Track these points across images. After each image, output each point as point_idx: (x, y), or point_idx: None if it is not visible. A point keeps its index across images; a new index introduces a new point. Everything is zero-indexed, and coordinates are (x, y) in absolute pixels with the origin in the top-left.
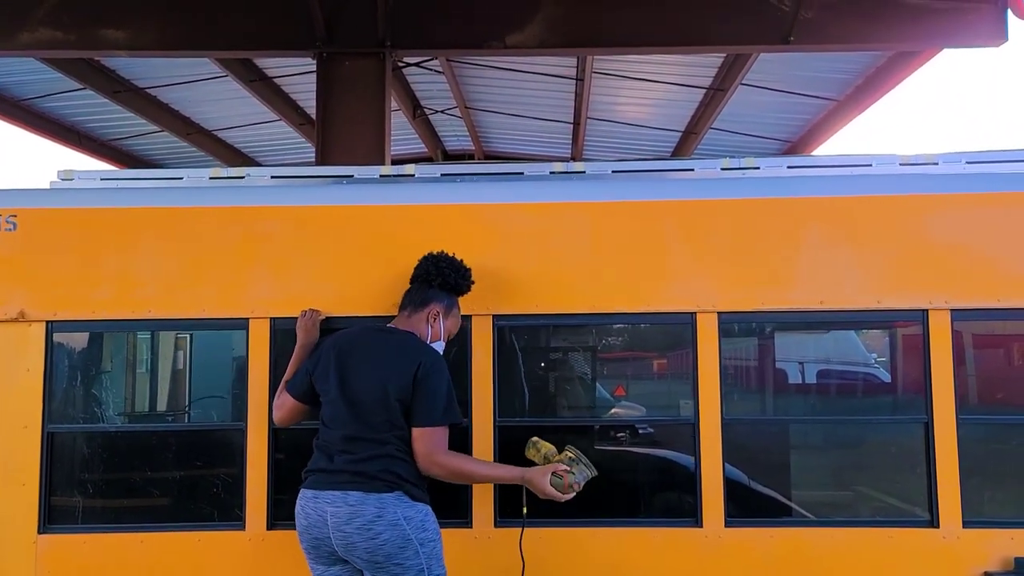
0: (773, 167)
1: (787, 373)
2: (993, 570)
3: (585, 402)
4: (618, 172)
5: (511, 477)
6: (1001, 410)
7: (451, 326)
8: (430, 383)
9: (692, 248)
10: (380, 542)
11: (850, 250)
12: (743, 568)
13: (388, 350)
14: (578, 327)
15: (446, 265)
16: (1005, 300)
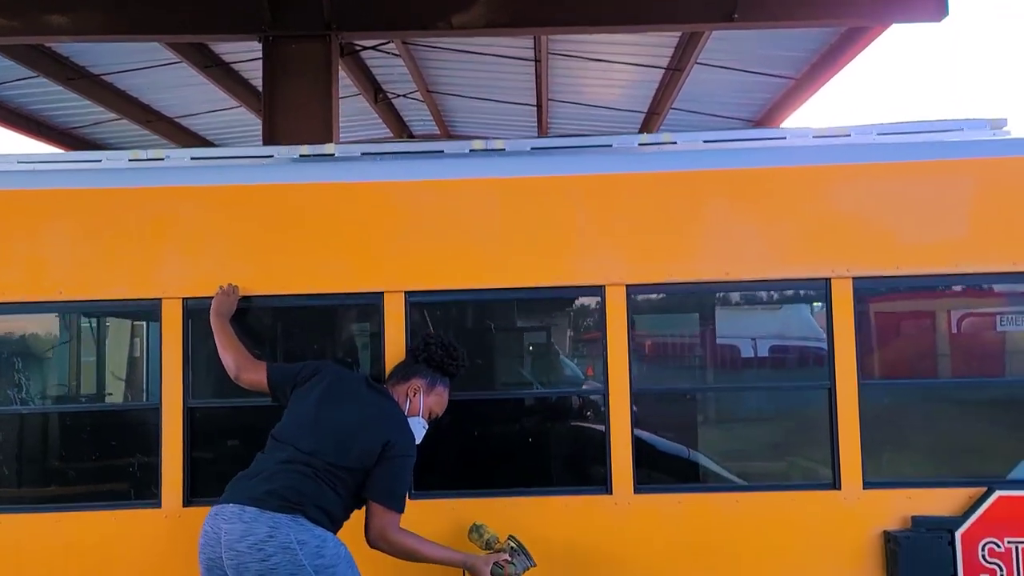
0: (690, 142)
1: (698, 344)
2: (892, 528)
3: (499, 376)
4: (537, 149)
5: (456, 561)
6: (900, 375)
7: (433, 404)
8: (400, 464)
9: (602, 222)
10: (271, 564)
11: (757, 221)
12: (652, 532)
13: (376, 408)
14: (490, 302)
15: (435, 343)
16: (905, 268)
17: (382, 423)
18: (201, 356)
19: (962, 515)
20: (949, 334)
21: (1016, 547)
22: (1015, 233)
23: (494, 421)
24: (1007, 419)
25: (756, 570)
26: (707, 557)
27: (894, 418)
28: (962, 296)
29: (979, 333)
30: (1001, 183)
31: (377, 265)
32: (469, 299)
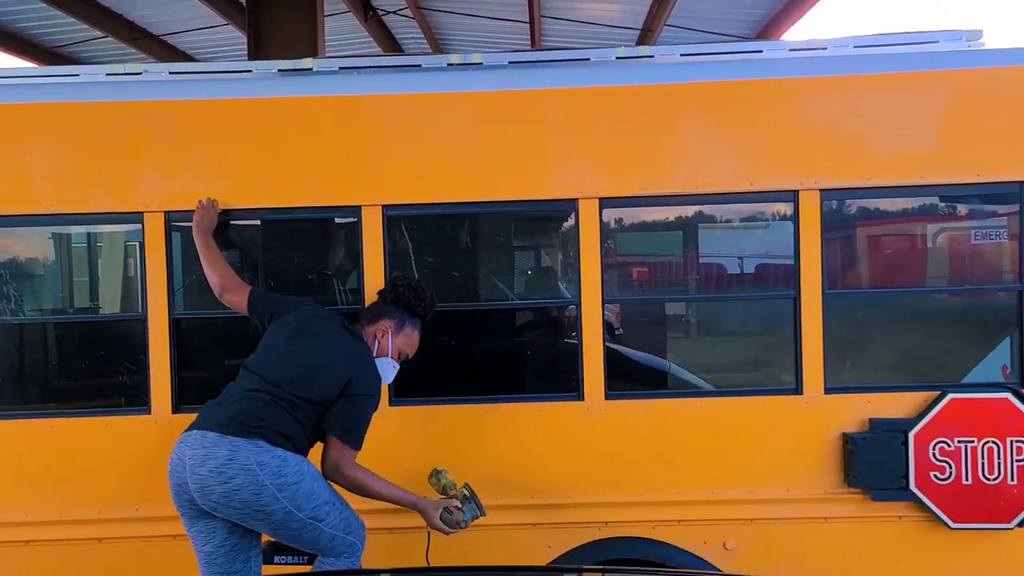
0: (667, 55)
1: (670, 257)
2: (850, 430)
3: (476, 288)
4: (515, 63)
5: (407, 501)
6: (864, 285)
7: (402, 344)
8: (359, 402)
9: (576, 136)
10: (234, 486)
11: (728, 134)
12: (622, 436)
13: (344, 347)
14: (466, 215)
15: (403, 285)
16: (872, 179)
17: (346, 361)
18: (184, 268)
19: (916, 417)
20: (912, 245)
21: (965, 446)
22: (980, 144)
23: (471, 331)
24: (963, 327)
25: (721, 471)
26: (675, 459)
27: (857, 326)
28: (925, 207)
29: (940, 244)
30: (966, 94)
31: (355, 179)
32: (445, 212)
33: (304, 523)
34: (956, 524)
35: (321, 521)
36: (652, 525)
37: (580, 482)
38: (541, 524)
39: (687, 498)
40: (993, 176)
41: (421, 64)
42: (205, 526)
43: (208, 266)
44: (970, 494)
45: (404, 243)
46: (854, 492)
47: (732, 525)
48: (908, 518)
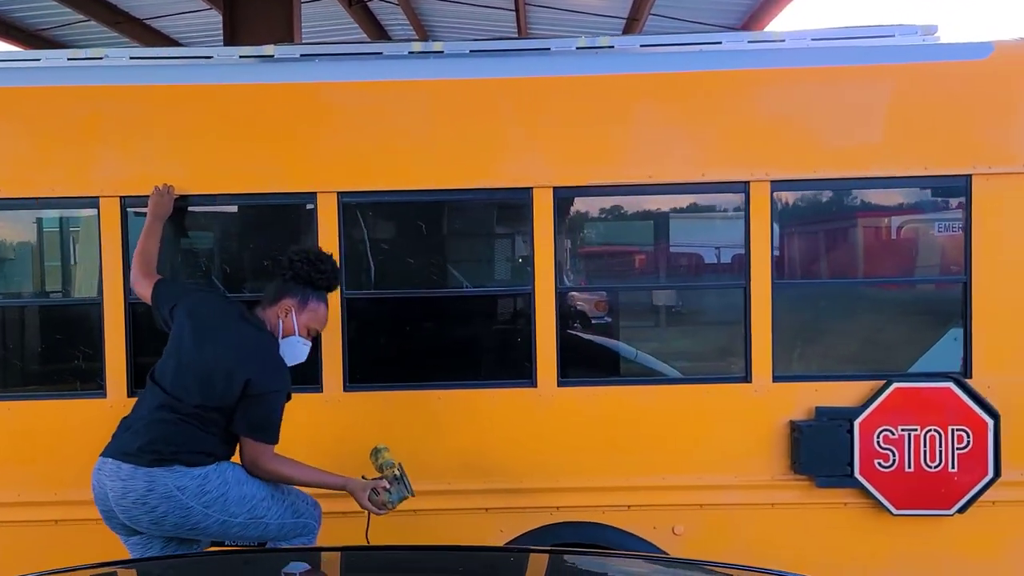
0: (626, 45)
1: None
2: (797, 419)
3: (431, 275)
4: (476, 52)
5: (333, 484)
6: (813, 276)
7: (308, 320)
8: (263, 400)
9: (532, 125)
10: (159, 514)
11: (681, 125)
12: (574, 423)
13: (236, 345)
14: (422, 203)
15: (299, 258)
16: (822, 171)
17: (242, 360)
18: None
19: (861, 405)
20: (860, 236)
21: (909, 434)
22: (929, 137)
23: (426, 318)
24: (910, 318)
25: (671, 458)
26: (626, 446)
27: (804, 316)
28: (873, 199)
29: (889, 236)
30: (915, 88)
31: (311, 166)
32: (401, 200)
33: (245, 524)
34: (898, 510)
35: (262, 517)
36: (602, 510)
37: (532, 467)
38: (493, 508)
39: (637, 484)
40: (941, 169)
41: (383, 52)
42: (140, 539)
43: (135, 253)
44: (912, 481)
45: (360, 230)
46: (801, 479)
47: (681, 510)
48: (853, 504)
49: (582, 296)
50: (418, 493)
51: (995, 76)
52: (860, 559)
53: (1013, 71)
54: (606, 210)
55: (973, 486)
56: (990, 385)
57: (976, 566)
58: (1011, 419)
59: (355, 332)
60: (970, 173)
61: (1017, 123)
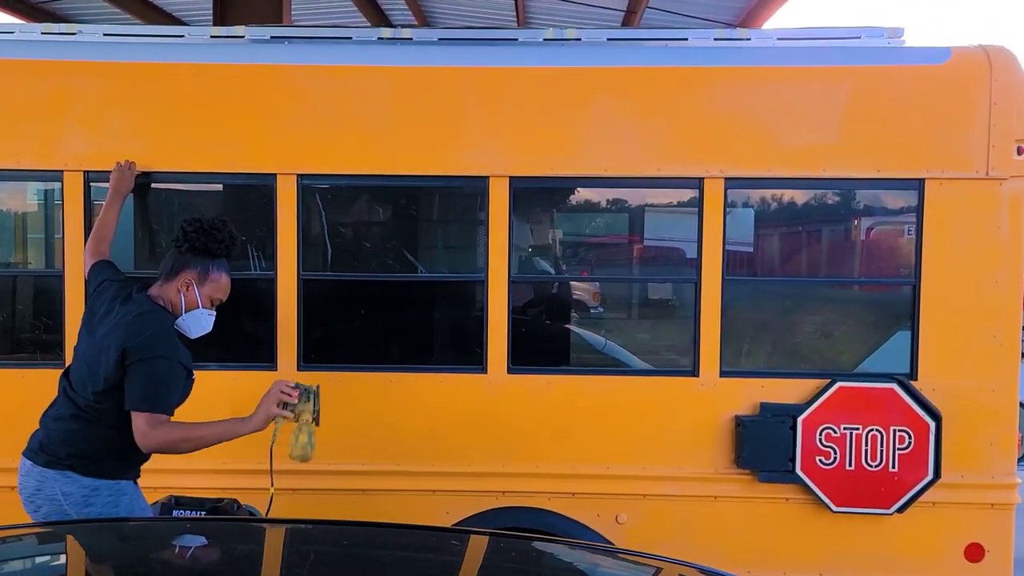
0: (594, 39)
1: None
2: (743, 414)
3: (387, 259)
4: (445, 40)
5: (246, 427)
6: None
7: (211, 291)
8: (147, 367)
9: (492, 115)
10: (42, 515)
11: (638, 120)
12: (523, 410)
13: (114, 323)
14: (380, 188)
15: (193, 229)
16: (775, 170)
17: (117, 334)
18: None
19: (805, 403)
20: (813, 236)
21: (851, 433)
22: (883, 140)
23: (380, 302)
24: (858, 318)
25: (617, 448)
26: (573, 434)
27: (752, 312)
28: (828, 200)
29: (840, 237)
30: (871, 90)
31: (273, 147)
32: (359, 184)
33: None
34: (838, 508)
35: None
36: (548, 497)
37: (481, 452)
38: (440, 491)
39: (583, 472)
40: (895, 173)
41: (352, 37)
42: None
43: (93, 230)
44: (853, 479)
45: (318, 212)
46: (743, 473)
47: (625, 500)
48: (795, 500)
49: (580, 286)
50: (367, 473)
51: (952, 82)
52: (801, 554)
53: (970, 77)
54: (563, 201)
55: (913, 486)
56: (935, 387)
57: (914, 566)
58: (954, 422)
59: (310, 313)
60: (923, 177)
61: (972, 129)
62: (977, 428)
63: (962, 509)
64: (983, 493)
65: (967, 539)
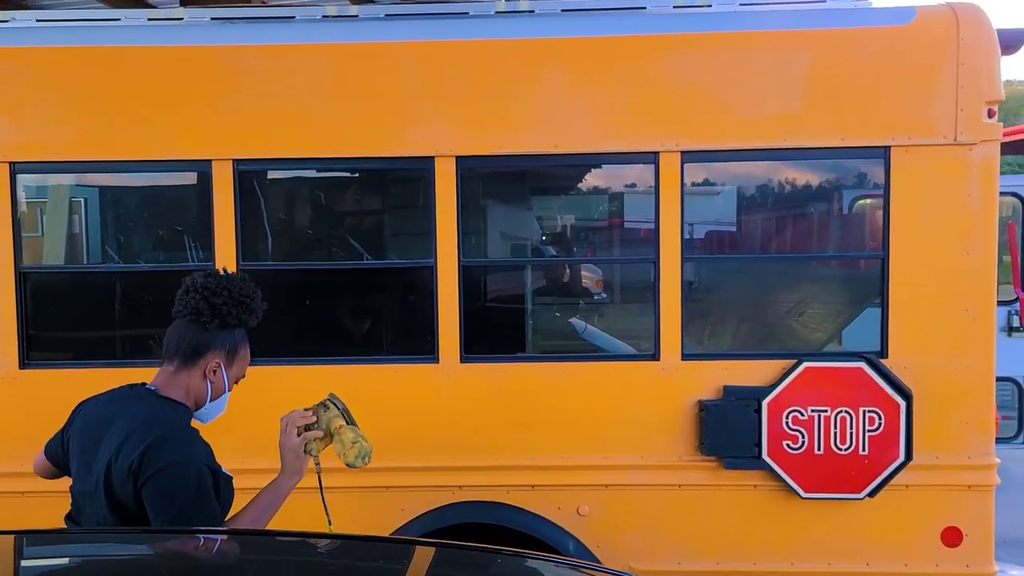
0: (548, 10)
1: (530, 219)
2: (706, 398)
3: (331, 246)
4: (392, 16)
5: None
6: (724, 250)
7: (239, 370)
8: (156, 485)
9: (435, 92)
10: None
11: (588, 93)
12: (477, 400)
13: (114, 432)
14: (321, 171)
15: (222, 301)
16: (735, 142)
17: (124, 448)
18: (28, 221)
19: (770, 385)
20: (776, 211)
21: (819, 415)
22: (846, 107)
23: (324, 291)
24: (824, 294)
25: (577, 437)
26: (531, 424)
27: (715, 294)
28: (791, 172)
29: (805, 210)
30: (832, 55)
31: (207, 132)
32: (298, 168)
33: None
34: (807, 494)
35: None
36: (506, 490)
37: (435, 445)
38: (394, 487)
39: (542, 463)
40: (859, 141)
41: (295, 16)
42: None
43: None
44: (822, 464)
45: (256, 199)
46: (708, 460)
47: (586, 491)
48: (762, 487)
49: (536, 270)
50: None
51: (916, 43)
52: (771, 543)
53: (936, 37)
54: (514, 181)
55: (884, 469)
56: (907, 365)
57: (889, 553)
58: (926, 400)
59: None
60: (889, 145)
61: (939, 93)
62: (951, 406)
63: (937, 492)
64: (959, 474)
65: (943, 523)
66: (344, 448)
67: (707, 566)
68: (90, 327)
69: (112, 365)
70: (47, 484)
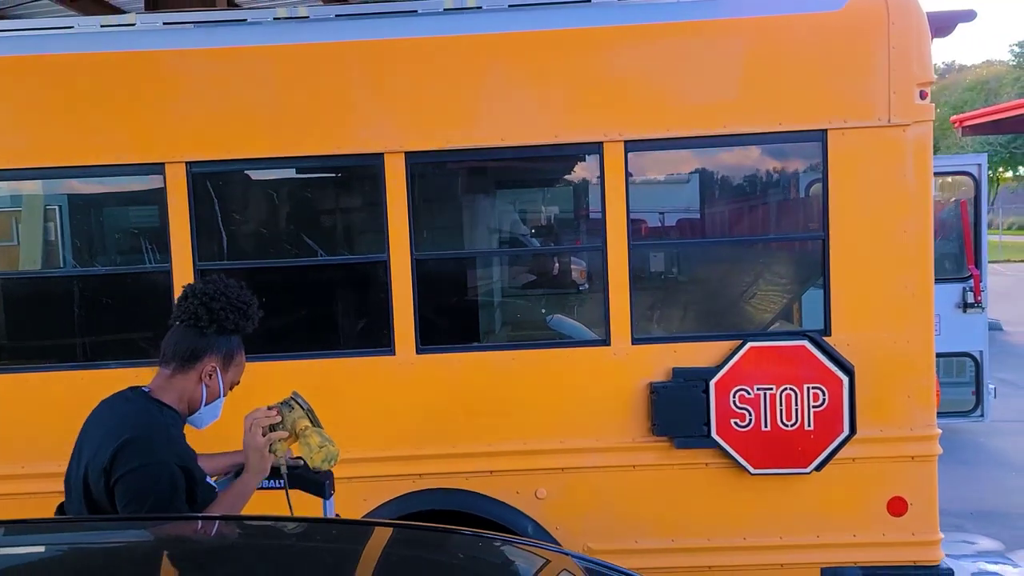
0: (495, 5)
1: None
2: (656, 380)
3: (285, 244)
4: (342, 16)
5: (245, 490)
6: (671, 236)
7: (235, 375)
8: (127, 485)
9: (382, 90)
10: None
11: (533, 86)
12: (434, 390)
13: (99, 431)
14: (273, 171)
15: (220, 306)
16: (676, 130)
17: (101, 448)
18: None
19: (717, 366)
20: (720, 196)
21: (764, 393)
22: (783, 92)
23: (282, 289)
24: (768, 276)
25: (533, 423)
26: (487, 412)
27: (663, 278)
28: (731, 157)
29: (748, 194)
30: (767, 42)
31: (159, 135)
32: (253, 169)
33: None
34: (756, 470)
35: None
36: (465, 476)
37: (394, 435)
38: (355, 478)
39: (499, 449)
40: (796, 125)
41: (247, 19)
42: None
43: None
44: (769, 440)
45: (210, 199)
46: (660, 440)
47: (543, 475)
48: (714, 465)
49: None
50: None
51: (849, 28)
52: (724, 519)
53: (867, 22)
54: (463, 175)
55: (829, 444)
56: (849, 342)
57: (837, 524)
58: (870, 376)
59: None
60: (826, 128)
61: (872, 76)
62: (893, 381)
63: (882, 463)
64: (903, 446)
65: (889, 493)
66: (311, 452)
67: (663, 543)
68: (43, 332)
69: (68, 368)
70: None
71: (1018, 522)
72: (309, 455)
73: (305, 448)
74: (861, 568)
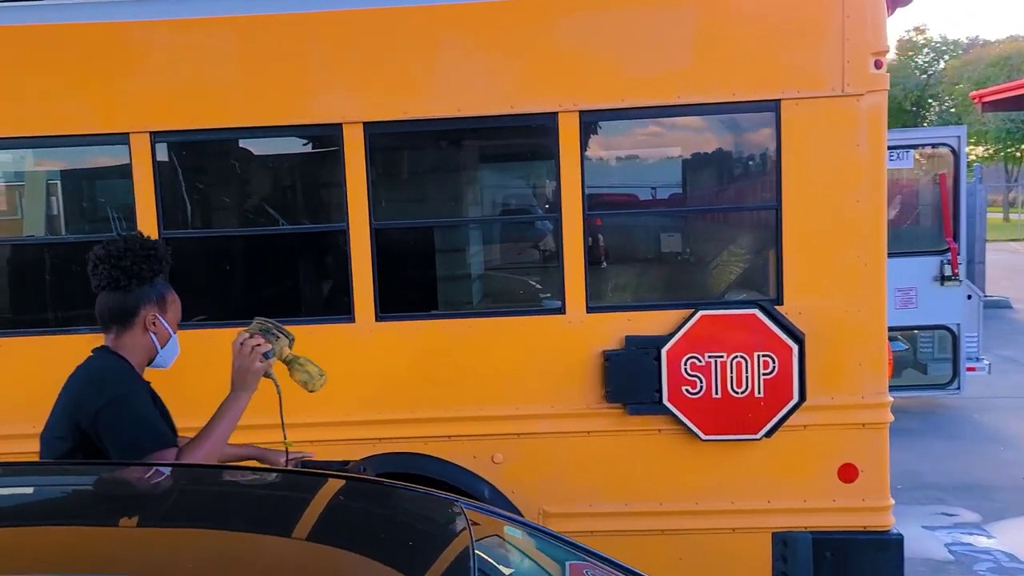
0: None
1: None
2: (609, 348)
3: (247, 213)
4: None
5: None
6: (622, 207)
7: (175, 312)
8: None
9: (340, 60)
10: None
11: (488, 56)
12: (393, 357)
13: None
14: (234, 140)
15: (131, 261)
16: (630, 100)
17: (66, 402)
18: None
19: (668, 334)
20: (674, 166)
21: (715, 361)
22: (735, 62)
23: (244, 257)
24: (722, 245)
25: (490, 389)
26: (445, 378)
27: (622, 247)
28: (685, 127)
29: (701, 164)
30: (721, 11)
31: (122, 105)
32: (213, 139)
33: None
34: (707, 436)
35: None
36: (424, 441)
37: (355, 401)
38: (316, 441)
39: (457, 415)
40: (749, 95)
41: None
42: None
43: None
44: (720, 407)
45: (175, 170)
46: (614, 407)
47: (500, 440)
48: (666, 431)
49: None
50: (240, 428)
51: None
52: (676, 484)
53: None
54: (421, 145)
55: (779, 411)
56: (802, 311)
57: (788, 490)
58: (822, 344)
59: (174, 272)
60: (779, 98)
61: (826, 45)
62: (845, 349)
63: (833, 430)
64: (854, 413)
65: (840, 460)
66: (312, 379)
67: (616, 507)
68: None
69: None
70: None
71: (1000, 494)
72: (309, 381)
73: (303, 374)
74: (811, 533)
